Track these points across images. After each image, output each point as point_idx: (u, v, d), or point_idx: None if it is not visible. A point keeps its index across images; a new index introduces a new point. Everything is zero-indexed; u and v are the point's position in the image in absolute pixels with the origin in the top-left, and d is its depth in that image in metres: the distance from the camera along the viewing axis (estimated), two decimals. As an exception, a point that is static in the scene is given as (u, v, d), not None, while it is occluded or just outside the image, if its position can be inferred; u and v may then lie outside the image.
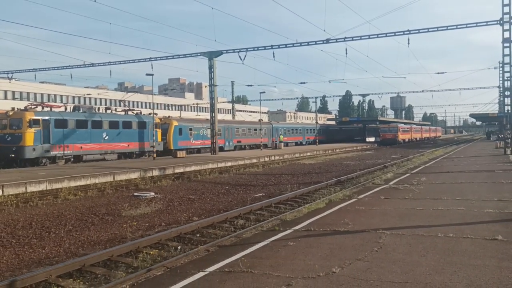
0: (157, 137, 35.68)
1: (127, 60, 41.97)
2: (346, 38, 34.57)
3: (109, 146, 31.84)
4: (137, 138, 34.31)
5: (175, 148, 37.63)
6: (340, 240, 7.93)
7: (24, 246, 9.79)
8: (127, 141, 33.37)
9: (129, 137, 33.60)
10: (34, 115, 27.12)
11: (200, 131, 41.70)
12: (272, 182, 20.95)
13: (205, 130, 41.96)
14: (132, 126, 34.00)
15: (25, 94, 67.44)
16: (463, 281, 5.57)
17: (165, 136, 37.48)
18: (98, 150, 30.96)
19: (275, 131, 56.52)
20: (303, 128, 67.21)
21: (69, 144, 28.73)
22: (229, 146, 46.13)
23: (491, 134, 77.49)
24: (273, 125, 58.01)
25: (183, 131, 39.39)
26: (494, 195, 12.47)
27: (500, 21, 30.08)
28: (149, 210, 13.78)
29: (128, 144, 33.49)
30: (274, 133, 56.08)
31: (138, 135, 34.43)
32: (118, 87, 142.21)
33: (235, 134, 47.77)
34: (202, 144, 41.43)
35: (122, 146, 33.01)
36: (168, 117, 39.75)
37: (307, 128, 68.49)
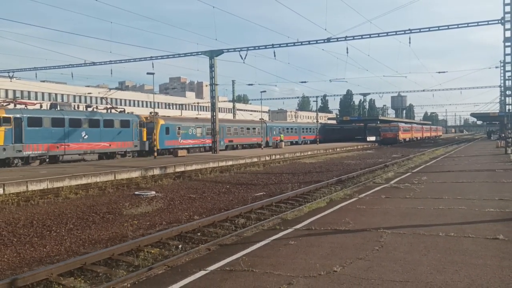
0: (142, 136, 34.48)
1: (128, 59, 41.93)
2: (347, 37, 34.55)
3: (88, 145, 30.33)
4: (120, 137, 32.70)
5: (162, 148, 36.68)
6: (341, 239, 7.93)
7: (25, 244, 9.80)
8: (109, 140, 31.82)
9: (111, 136, 32.03)
10: (4, 112, 25.67)
11: (189, 130, 40.23)
12: (273, 181, 20.95)
13: (194, 129, 40.73)
14: (114, 124, 32.45)
15: (26, 93, 67.51)
16: (464, 280, 5.57)
17: (151, 135, 35.92)
18: (77, 150, 29.46)
19: (269, 130, 55.29)
20: (298, 127, 65.63)
21: (44, 144, 27.19)
22: (220, 145, 43.33)
23: (492, 134, 77.49)
24: (267, 124, 56.45)
25: (171, 130, 37.86)
26: (495, 195, 12.46)
27: (501, 20, 30.04)
28: (150, 209, 13.78)
29: (110, 144, 31.92)
30: (268, 132, 54.81)
31: (121, 134, 32.81)
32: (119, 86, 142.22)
33: (226, 133, 46.06)
34: (191, 144, 39.88)
35: (103, 145, 31.47)
36: (155, 115, 38.39)
37: (303, 127, 67.02)
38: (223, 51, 38.10)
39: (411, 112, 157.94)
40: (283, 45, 36.63)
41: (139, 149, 34.15)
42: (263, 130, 53.56)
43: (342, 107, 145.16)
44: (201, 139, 41.77)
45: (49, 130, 27.76)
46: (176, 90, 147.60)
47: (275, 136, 55.23)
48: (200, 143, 41.70)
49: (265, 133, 54.06)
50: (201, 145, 41.89)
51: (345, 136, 77.35)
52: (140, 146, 34.02)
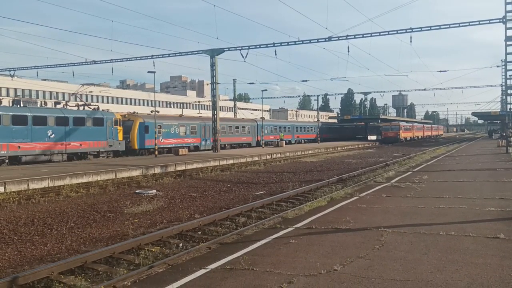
0: (117, 135, 32.19)
1: (129, 58, 41.93)
2: (348, 36, 34.52)
3: (56, 145, 27.92)
4: (92, 137, 30.37)
5: (140, 147, 34.80)
6: (342, 238, 7.93)
7: (26, 243, 9.82)
8: (79, 139, 29.46)
9: (81, 135, 29.64)
10: None
11: (171, 128, 37.91)
12: (274, 180, 20.96)
13: (177, 128, 38.43)
14: (86, 123, 30.10)
15: (27, 92, 67.55)
16: (464, 279, 5.57)
17: (129, 134, 34.03)
18: (42, 150, 27.11)
19: (260, 129, 52.28)
20: (292, 126, 62.58)
21: (2, 144, 25.01)
22: (206, 145, 41.82)
23: (493, 133, 77.39)
24: (258, 122, 53.35)
25: (150, 129, 35.49)
26: (496, 194, 12.45)
27: (503, 19, 29.99)
28: (150, 208, 13.80)
29: (81, 144, 29.58)
30: (259, 131, 51.92)
31: (93, 133, 30.47)
32: (120, 85, 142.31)
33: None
34: (174, 143, 37.39)
35: (73, 145, 29.08)
36: (133, 113, 36.44)
37: (297, 126, 64.09)
38: (224, 49, 38.09)
39: (412, 111, 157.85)
40: (284, 43, 36.61)
41: (114, 149, 32.04)
42: (254, 128, 51.62)
43: (343, 106, 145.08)
44: (184, 139, 39.64)
45: (9, 128, 25.55)
46: (177, 89, 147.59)
47: (266, 135, 52.61)
48: (183, 143, 39.45)
49: (256, 132, 51.87)
50: (184, 145, 39.38)
51: (346, 135, 77.29)
52: (115, 146, 31.91)
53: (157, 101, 76.15)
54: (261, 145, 49.84)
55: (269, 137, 53.09)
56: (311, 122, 73.90)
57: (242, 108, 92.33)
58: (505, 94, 36.92)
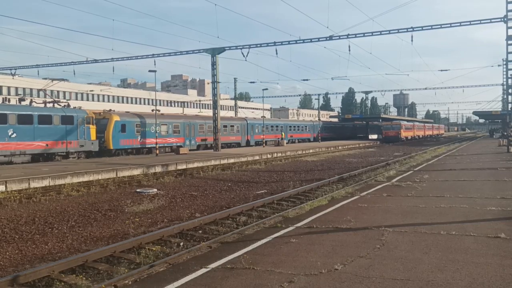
0: (89, 135, 29.82)
1: (130, 57, 41.99)
2: (349, 35, 34.51)
3: (18, 145, 25.49)
4: (60, 136, 27.86)
5: (116, 148, 32.57)
6: (342, 237, 7.93)
7: (27, 241, 9.83)
8: (45, 139, 26.89)
9: (48, 134, 27.11)
10: None
11: (152, 127, 35.36)
12: (275, 179, 20.96)
13: (159, 127, 36.14)
14: (53, 121, 27.50)
15: (28, 90, 67.58)
16: (465, 279, 5.57)
17: (103, 133, 31.77)
18: (1, 150, 24.76)
19: (251, 127, 50.27)
20: (284, 125, 59.53)
21: None
22: (191, 145, 39.54)
23: (494, 132, 77.31)
24: (248, 121, 51.05)
25: (128, 128, 33.37)
26: (497, 193, 12.44)
27: (504, 18, 29.96)
28: (151, 207, 13.80)
29: (47, 144, 27.02)
30: (249, 130, 49.84)
31: (62, 132, 28.00)
32: (121, 84, 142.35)
33: (198, 131, 41.00)
34: (154, 143, 34.82)
35: (38, 145, 26.59)
36: (108, 111, 34.11)
37: (290, 125, 61.18)
38: (225, 48, 38.07)
39: (413, 110, 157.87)
40: (285, 42, 36.60)
41: (86, 150, 29.72)
42: (243, 127, 49.17)
43: (344, 105, 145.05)
44: (166, 138, 37.30)
45: None
46: (178, 88, 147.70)
47: (257, 135, 50.58)
48: (165, 143, 37.14)
49: (245, 131, 49.47)
50: (166, 145, 37.32)
51: (347, 134, 77.23)
52: (87, 146, 29.57)
53: (158, 100, 76.20)
54: (250, 145, 48.44)
55: (260, 136, 50.76)
56: (306, 121, 71.97)
57: (243, 107, 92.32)
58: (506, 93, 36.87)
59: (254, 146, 48.07)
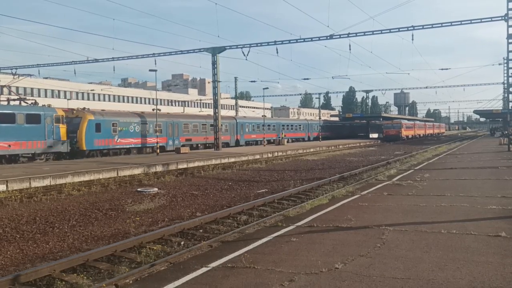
0: (59, 135, 27.68)
1: (131, 56, 42.01)
2: (350, 34, 34.47)
3: None
4: (25, 136, 25.85)
5: (90, 148, 30.49)
6: (343, 236, 7.94)
7: (28, 241, 9.84)
8: (8, 139, 24.99)
9: (11, 134, 25.16)
10: None
11: (130, 127, 33.59)
12: (275, 178, 20.96)
13: (139, 126, 34.32)
14: (17, 119, 25.56)
15: (29, 90, 67.64)
16: (466, 278, 5.57)
17: (76, 133, 29.71)
18: None
19: (240, 127, 47.85)
20: (277, 123, 56.72)
21: None
22: (174, 145, 37.57)
23: (495, 131, 77.22)
24: (238, 120, 48.55)
25: (103, 127, 31.25)
26: (497, 192, 12.44)
27: (504, 17, 29.92)
28: (152, 206, 13.81)
29: (9, 144, 25.06)
30: (239, 130, 47.49)
31: (27, 132, 26.00)
32: (121, 83, 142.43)
33: (182, 131, 38.93)
34: (133, 144, 33.26)
35: None
36: (82, 109, 32.08)
37: (283, 124, 58.28)
38: (225, 48, 38.07)
39: (414, 109, 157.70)
40: (286, 42, 36.58)
41: (55, 151, 27.65)
42: (232, 127, 46.78)
43: (345, 104, 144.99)
44: (147, 138, 35.34)
45: None
46: (178, 87, 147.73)
47: (247, 134, 48.49)
48: (146, 143, 35.30)
49: (235, 130, 47.22)
50: (147, 145, 35.40)
51: (347, 133, 77.17)
52: (56, 146, 27.49)
53: (159, 99, 76.21)
54: (240, 145, 46.59)
55: (251, 135, 49.28)
56: (300, 120, 70.17)
57: (243, 106, 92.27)
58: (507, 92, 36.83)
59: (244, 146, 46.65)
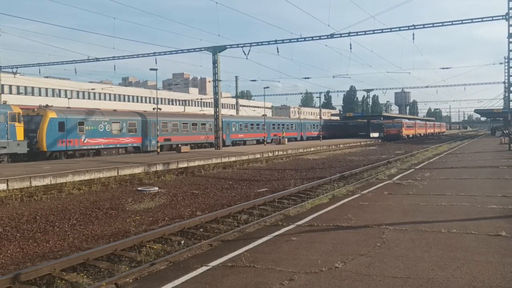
0: (14, 134, 25.47)
1: (131, 55, 41.98)
2: (351, 33, 34.40)
3: None
4: None
5: (52, 149, 28.01)
6: (343, 235, 7.93)
7: (28, 240, 9.85)
8: None
9: None
10: None
11: (100, 126, 30.96)
12: (276, 177, 20.96)
13: (110, 125, 31.69)
14: None
15: (30, 89, 67.68)
16: (466, 277, 5.57)
17: (36, 133, 27.42)
18: None
19: (226, 126, 44.73)
20: (268, 122, 53.67)
21: None
22: (151, 146, 35.00)
23: (496, 130, 77.15)
24: (224, 119, 44.63)
25: (68, 126, 28.62)
26: (498, 191, 12.43)
27: (505, 16, 29.88)
28: (152, 205, 13.82)
29: None
30: (224, 129, 43.89)
31: None
32: (122, 82, 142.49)
33: (161, 130, 35.91)
34: (103, 144, 30.90)
35: None
36: (44, 106, 29.44)
37: (274, 123, 55.75)
38: (226, 47, 38.04)
39: (415, 108, 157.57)
40: (286, 41, 36.53)
41: (9, 152, 25.35)
42: None
43: (346, 103, 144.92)
44: (119, 138, 32.57)
45: None
46: (179, 86, 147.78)
47: (235, 133, 45.71)
48: (118, 143, 32.54)
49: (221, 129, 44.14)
50: (119, 146, 32.75)
51: (348, 133, 77.15)
52: (11, 147, 25.20)
53: (159, 98, 76.20)
54: (226, 145, 43.77)
55: (238, 135, 46.73)
56: (292, 119, 67.54)
57: (244, 105, 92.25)
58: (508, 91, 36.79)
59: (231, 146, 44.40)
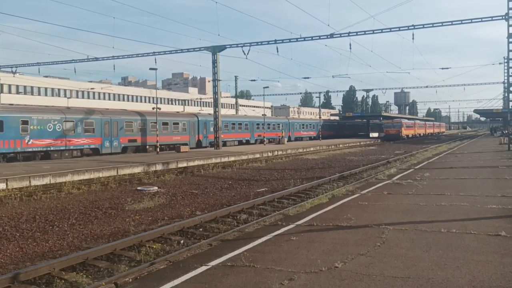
0: None
1: (131, 55, 41.97)
2: (350, 33, 34.41)
3: None
4: None
5: None
6: (343, 235, 7.93)
7: (27, 239, 9.84)
8: None
9: None
10: None
11: (48, 125, 27.80)
12: (275, 177, 20.95)
13: (61, 124, 28.51)
14: None
15: (29, 88, 67.63)
16: (465, 277, 5.56)
17: None
18: None
19: (203, 125, 41.71)
20: (250, 122, 50.48)
21: None
22: (112, 147, 31.94)
23: (495, 130, 77.19)
24: (200, 118, 41.95)
25: (7, 125, 25.58)
26: (497, 191, 12.43)
27: (505, 16, 29.90)
28: (152, 204, 13.81)
29: None
30: (201, 129, 41.41)
31: None
32: (121, 82, 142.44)
33: (124, 130, 33.00)
34: (52, 145, 27.90)
35: None
36: None
37: (258, 123, 51.79)
38: (225, 46, 38.04)
39: (414, 108, 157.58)
40: (286, 40, 36.53)
41: None
42: (192, 125, 40.71)
43: (345, 103, 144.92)
44: (72, 138, 29.17)
45: None
46: (178, 86, 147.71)
47: (212, 134, 41.31)
48: (70, 144, 29.11)
49: (196, 129, 41.10)
50: (72, 147, 29.25)
51: (347, 133, 77.20)
52: None
53: (159, 98, 76.19)
54: (203, 146, 40.82)
55: None
56: (279, 118, 62.76)
57: (243, 105, 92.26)
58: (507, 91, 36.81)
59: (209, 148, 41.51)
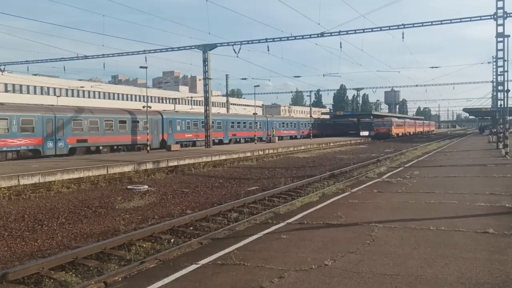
0: None
1: (121, 53, 41.64)
2: (341, 32, 34.53)
3: None
4: None
5: None
6: (333, 233, 7.96)
7: (16, 238, 9.76)
8: None
9: None
10: None
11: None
12: (266, 176, 20.97)
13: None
14: None
15: (18, 87, 66.92)
16: (454, 274, 5.62)
17: None
18: None
19: (168, 124, 38.46)
20: (224, 120, 48.22)
21: None
22: (57, 148, 28.74)
23: (484, 129, 77.95)
24: (164, 116, 38.52)
25: None
26: (486, 189, 12.56)
27: (494, 15, 30.16)
28: (142, 203, 13.75)
29: None
30: (166, 128, 38.17)
31: None
32: (112, 80, 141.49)
33: (72, 129, 29.71)
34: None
35: None
36: None
37: (233, 121, 49.73)
38: (216, 45, 37.96)
39: (404, 107, 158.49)
40: (277, 39, 36.54)
41: None
42: (156, 124, 37.22)
43: (336, 102, 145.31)
44: (6, 139, 25.94)
45: None
46: (169, 84, 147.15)
47: (180, 133, 39.83)
48: (4, 145, 25.88)
49: (161, 128, 37.83)
50: (5, 148, 25.93)
51: (338, 131, 77.51)
52: None
53: (150, 96, 75.81)
54: (168, 146, 35.72)
55: (184, 135, 40.88)
56: (258, 116, 58.34)
57: (235, 104, 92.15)
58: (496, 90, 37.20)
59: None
